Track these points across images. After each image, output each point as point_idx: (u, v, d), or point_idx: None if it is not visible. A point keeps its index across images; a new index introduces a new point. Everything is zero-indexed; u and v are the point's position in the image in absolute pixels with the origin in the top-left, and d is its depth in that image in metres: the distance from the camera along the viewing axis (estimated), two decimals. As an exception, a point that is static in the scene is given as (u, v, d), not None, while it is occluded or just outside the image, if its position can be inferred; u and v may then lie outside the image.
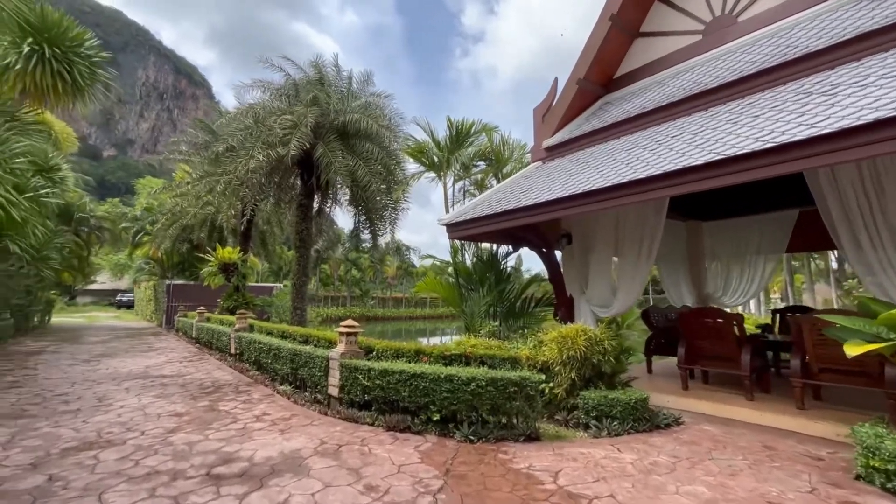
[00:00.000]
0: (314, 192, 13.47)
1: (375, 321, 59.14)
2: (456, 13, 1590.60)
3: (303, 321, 13.36)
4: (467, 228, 8.43)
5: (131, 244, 27.05)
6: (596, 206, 6.22)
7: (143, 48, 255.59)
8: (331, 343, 7.98)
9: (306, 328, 9.33)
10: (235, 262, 18.62)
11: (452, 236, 8.89)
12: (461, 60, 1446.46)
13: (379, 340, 7.25)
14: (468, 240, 9.36)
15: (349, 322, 7.01)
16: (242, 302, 18.06)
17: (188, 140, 19.88)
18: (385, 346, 6.84)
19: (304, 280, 13.37)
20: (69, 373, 9.77)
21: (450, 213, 8.90)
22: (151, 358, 12.23)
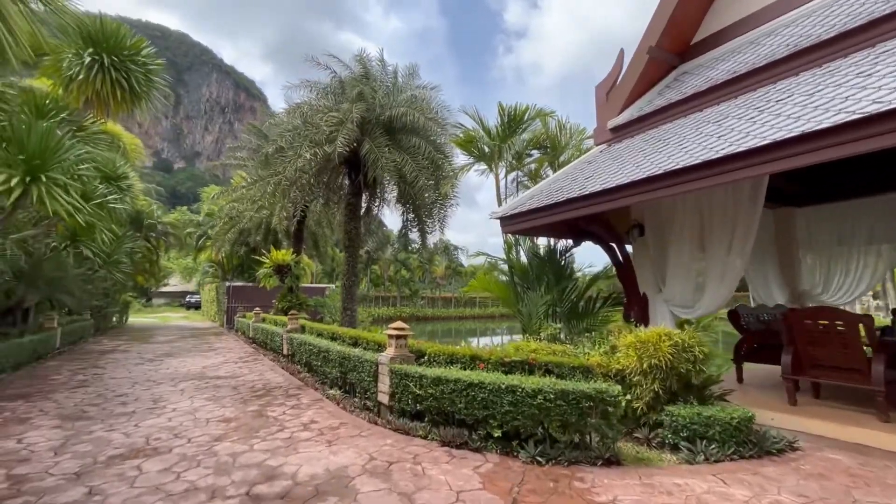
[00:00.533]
0: (361, 190, 13.22)
1: (425, 321, 59.27)
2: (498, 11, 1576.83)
3: (353, 322, 13.16)
4: (524, 221, 7.69)
5: (195, 248, 28.54)
6: (680, 189, 5.28)
7: (207, 66, 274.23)
8: (380, 346, 7.54)
9: (356, 330, 8.99)
10: (288, 263, 18.93)
11: (507, 230, 8.18)
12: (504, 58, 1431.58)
13: (430, 343, 6.69)
14: (524, 234, 8.61)
15: (398, 324, 6.51)
16: (296, 303, 18.30)
17: (243, 146, 20.49)
18: (437, 350, 6.27)
19: (353, 280, 13.18)
20: (133, 372, 10.05)
21: (503, 205, 8.21)
22: (209, 358, 12.47)
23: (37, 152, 7.90)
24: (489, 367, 5.63)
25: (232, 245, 23.85)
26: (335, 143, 10.67)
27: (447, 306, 69.52)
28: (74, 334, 16.03)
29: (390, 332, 6.47)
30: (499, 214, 8.06)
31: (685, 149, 5.48)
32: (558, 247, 9.14)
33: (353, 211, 13.14)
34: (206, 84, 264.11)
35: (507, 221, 8.04)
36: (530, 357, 5.53)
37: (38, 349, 11.94)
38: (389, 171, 11.10)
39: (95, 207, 10.77)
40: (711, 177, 4.96)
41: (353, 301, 13.29)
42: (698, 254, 6.60)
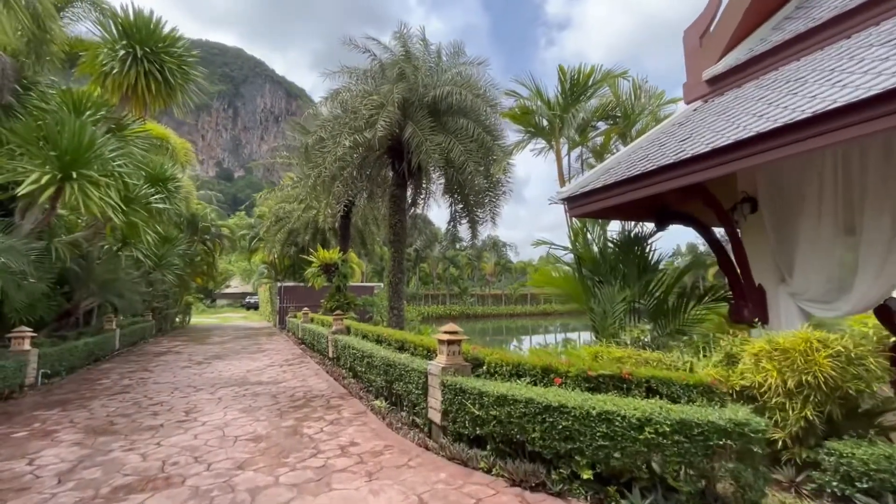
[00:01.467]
0: (406, 180, 12.30)
1: (475, 319, 58.20)
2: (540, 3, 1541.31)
3: (400, 321, 12.29)
4: (597, 200, 6.34)
5: (248, 250, 29.13)
6: (823, 142, 3.78)
7: (260, 78, 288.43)
8: (430, 351, 6.49)
9: (402, 332, 8.05)
10: (335, 262, 18.46)
11: (575, 213, 6.85)
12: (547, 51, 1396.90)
13: (489, 350, 5.55)
14: (595, 216, 7.25)
15: (450, 327, 5.42)
16: (344, 302, 17.79)
17: (287, 144, 20.32)
18: (498, 358, 5.11)
19: (399, 277, 12.31)
20: (178, 376, 9.70)
21: (569, 184, 6.88)
22: (256, 360, 12.05)
23: (69, 149, 7.56)
24: (568, 383, 4.40)
25: (282, 246, 23.92)
26: (375, 127, 9.78)
27: (497, 304, 68.09)
28: (134, 335, 16.39)
29: (441, 336, 5.40)
30: (565, 194, 6.76)
31: (840, 83, 3.95)
32: (636, 232, 7.67)
33: (397, 203, 12.25)
34: (260, 95, 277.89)
35: (575, 202, 6.72)
36: (623, 371, 4.24)
37: (96, 351, 12.04)
38: (435, 156, 10.06)
39: (139, 207, 10.59)
40: (878, 119, 3.44)
41: (401, 299, 12.41)
42: (843, 234, 4.98)
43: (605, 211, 6.80)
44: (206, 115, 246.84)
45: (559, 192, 6.87)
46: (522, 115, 8.14)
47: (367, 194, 14.42)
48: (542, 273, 7.07)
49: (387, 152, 12.31)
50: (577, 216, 6.89)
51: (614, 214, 7.22)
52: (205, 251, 25.91)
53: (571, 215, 6.83)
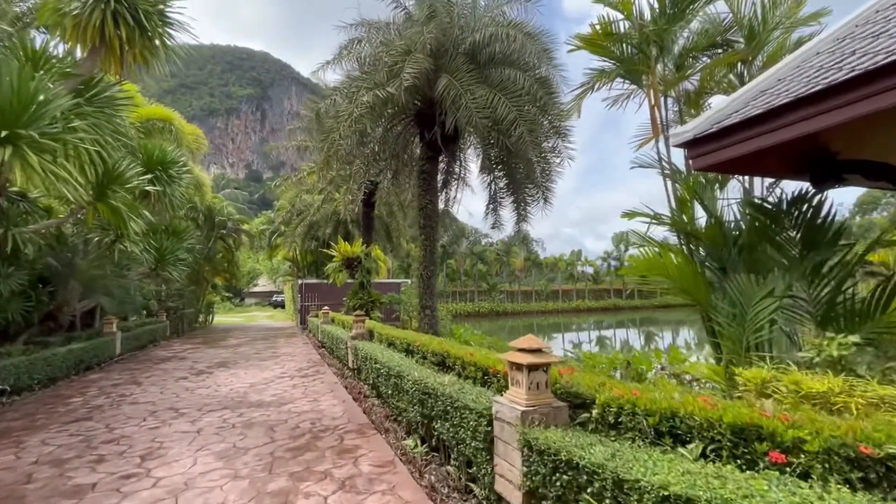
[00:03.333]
0: (438, 152, 10.16)
1: (505, 316, 55.93)
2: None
3: (433, 324, 10.20)
4: (745, 139, 4.05)
5: (268, 246, 27.74)
6: None
7: (287, 80, 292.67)
8: (486, 374, 4.36)
9: (442, 342, 5.96)
10: (358, 256, 16.59)
11: (702, 163, 4.55)
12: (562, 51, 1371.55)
13: (598, 378, 3.37)
14: (727, 169, 4.96)
15: (529, 341, 3.26)
16: (368, 300, 15.89)
17: (303, 126, 18.58)
18: (625, 399, 2.89)
19: (431, 270, 10.22)
20: (165, 393, 7.91)
21: (693, 122, 4.59)
22: (265, 370, 10.21)
23: (6, 105, 5.77)
24: (799, 463, 2.15)
25: (302, 240, 22.29)
26: (400, 77, 7.69)
27: (528, 300, 65.66)
28: (141, 339, 14.94)
29: (515, 357, 3.25)
30: (689, 135, 4.47)
31: None
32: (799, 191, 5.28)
33: (427, 181, 10.15)
34: (286, 97, 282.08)
35: (706, 146, 4.43)
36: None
37: (87, 358, 10.48)
38: (476, 113, 7.85)
39: (121, 189, 8.87)
40: None
41: (433, 296, 10.32)
42: None
43: (748, 160, 4.47)
44: (235, 119, 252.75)
45: (678, 133, 4.58)
46: (603, 39, 5.84)
47: (392, 174, 12.37)
48: (649, 261, 4.79)
49: (413, 119, 10.24)
50: (706, 168, 4.59)
51: (756, 166, 4.88)
52: (224, 248, 24.60)
53: (697, 167, 4.54)
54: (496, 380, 4.15)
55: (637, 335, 38.02)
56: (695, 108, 7.02)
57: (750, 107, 4.10)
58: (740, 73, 6.34)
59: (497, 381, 4.13)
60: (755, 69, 5.90)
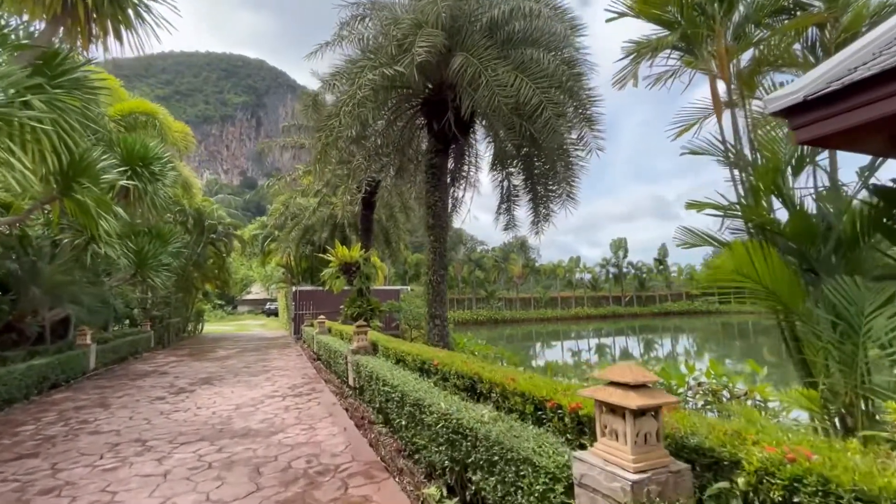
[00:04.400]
0: (448, 143, 9.15)
1: (503, 324, 54.89)
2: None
3: (444, 336, 9.11)
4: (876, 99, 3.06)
5: (261, 251, 26.54)
6: None
7: (282, 88, 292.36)
8: (540, 408, 3.31)
9: (466, 359, 4.92)
10: (356, 261, 15.53)
11: (808, 136, 3.57)
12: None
13: (734, 423, 2.32)
14: (840, 144, 3.95)
15: (629, 371, 2.22)
16: (367, 308, 14.81)
17: (298, 125, 17.57)
18: (805, 468, 1.83)
19: (441, 274, 9.15)
20: (135, 419, 6.77)
21: (790, 87, 3.62)
22: (254, 388, 9.08)
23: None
24: None
25: (296, 245, 21.18)
26: (411, 52, 6.69)
27: (526, 307, 64.82)
28: (120, 351, 13.72)
29: (610, 395, 2.21)
30: (796, 97, 3.49)
31: None
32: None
33: (435, 177, 9.14)
34: (282, 104, 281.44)
35: (816, 111, 3.46)
36: None
37: (52, 375, 9.30)
38: (498, 92, 6.82)
39: (89, 182, 7.79)
40: None
41: (443, 304, 9.24)
42: None
43: (873, 129, 3.49)
44: (229, 126, 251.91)
45: (777, 98, 3.59)
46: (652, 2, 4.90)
47: (395, 170, 11.34)
48: (737, 260, 3.75)
49: (421, 109, 9.24)
50: (815, 140, 3.55)
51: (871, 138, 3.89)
52: (215, 253, 23.40)
53: (803, 140, 3.54)
54: (555, 418, 3.09)
55: (637, 342, 37.19)
56: (748, 88, 6.08)
57: (885, 56, 3.12)
58: (811, 41, 5.43)
59: (557, 419, 3.07)
60: (828, 36, 4.97)
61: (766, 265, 3.87)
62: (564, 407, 3.01)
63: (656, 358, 28.92)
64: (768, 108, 3.83)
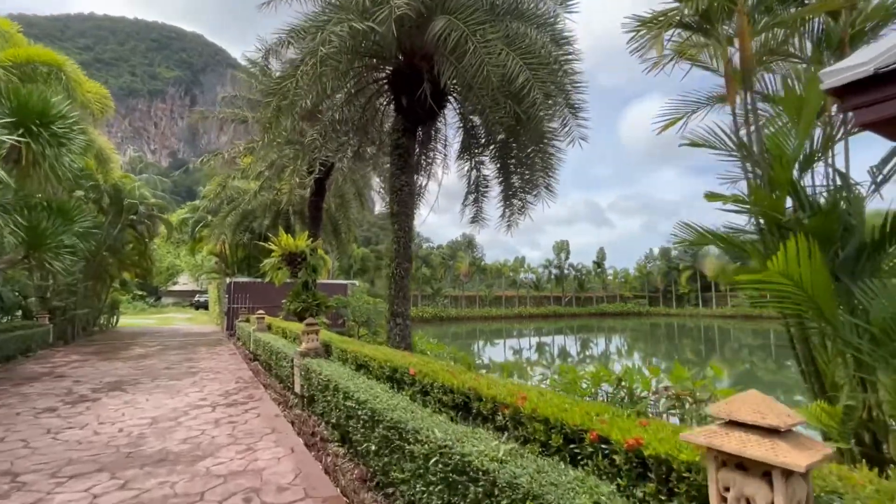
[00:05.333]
0: (417, 123, 8.21)
1: (449, 322, 54.69)
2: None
3: (406, 336, 8.17)
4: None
5: (191, 237, 23.96)
6: None
7: (221, 66, 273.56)
8: (573, 439, 2.54)
9: (457, 370, 4.09)
10: (303, 251, 14.17)
11: (871, 116, 3.06)
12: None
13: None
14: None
15: (765, 408, 1.48)
16: (312, 303, 13.51)
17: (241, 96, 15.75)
18: None
19: (405, 268, 8.19)
20: (7, 440, 5.26)
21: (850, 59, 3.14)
22: (178, 394, 7.65)
23: None
24: None
25: (233, 232, 19.18)
26: (388, 4, 5.68)
27: (472, 305, 65.25)
28: (6, 348, 11.41)
29: (737, 445, 1.45)
30: (863, 71, 2.97)
31: None
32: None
33: (403, 158, 8.16)
34: (220, 84, 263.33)
35: (883, 89, 2.96)
36: None
37: None
38: (488, 61, 5.97)
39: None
40: None
41: (406, 301, 8.29)
42: None
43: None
44: (159, 102, 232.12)
45: (837, 70, 3.07)
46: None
47: (355, 151, 10.20)
48: (782, 262, 3.22)
49: (388, 82, 8.24)
50: (879, 123, 3.16)
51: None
52: (135, 237, 20.68)
53: (865, 121, 3.03)
54: (598, 455, 2.34)
55: (575, 341, 38.39)
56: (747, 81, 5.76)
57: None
58: (817, 33, 5.17)
59: (601, 457, 2.32)
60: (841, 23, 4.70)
61: (811, 268, 3.40)
62: (616, 442, 2.26)
63: (591, 356, 29.78)
64: (825, 84, 3.32)
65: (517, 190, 8.94)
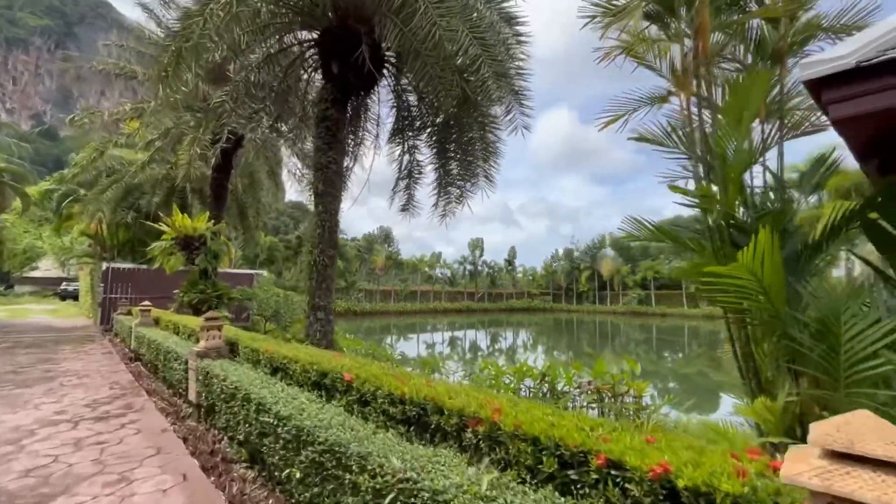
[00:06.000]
0: (349, 93, 7.27)
1: (362, 316, 53.23)
2: None
3: (328, 332, 7.22)
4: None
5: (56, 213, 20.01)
6: None
7: (103, 20, 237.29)
8: (572, 463, 2.05)
9: (388, 371, 3.44)
10: (202, 234, 12.40)
11: (847, 111, 3.07)
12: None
13: None
14: (874, 127, 3.54)
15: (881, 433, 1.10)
16: (213, 294, 11.91)
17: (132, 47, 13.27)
18: None
19: (330, 255, 7.23)
20: None
21: (832, 51, 3.08)
22: (24, 407, 5.98)
23: None
24: None
25: (114, 209, 16.28)
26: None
27: (387, 300, 64.36)
28: None
29: (878, 493, 1.05)
30: (843, 64, 2.92)
31: None
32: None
33: (331, 132, 7.18)
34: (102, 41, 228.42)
35: (864, 83, 2.95)
36: None
37: None
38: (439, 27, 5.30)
39: None
40: None
41: (330, 294, 7.35)
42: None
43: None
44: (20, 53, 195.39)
45: (817, 62, 2.99)
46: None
47: (272, 122, 8.90)
48: (749, 257, 3.07)
49: (318, 44, 7.23)
50: (853, 118, 3.09)
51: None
52: (-26, 210, 16.65)
53: (840, 116, 3.00)
54: (609, 484, 1.89)
55: (485, 335, 39.53)
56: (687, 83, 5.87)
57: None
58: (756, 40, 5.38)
59: (613, 486, 1.87)
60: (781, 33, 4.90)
61: (772, 266, 3.34)
62: (633, 468, 1.81)
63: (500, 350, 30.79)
64: (802, 76, 3.24)
65: (455, 178, 8.47)
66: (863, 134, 3.42)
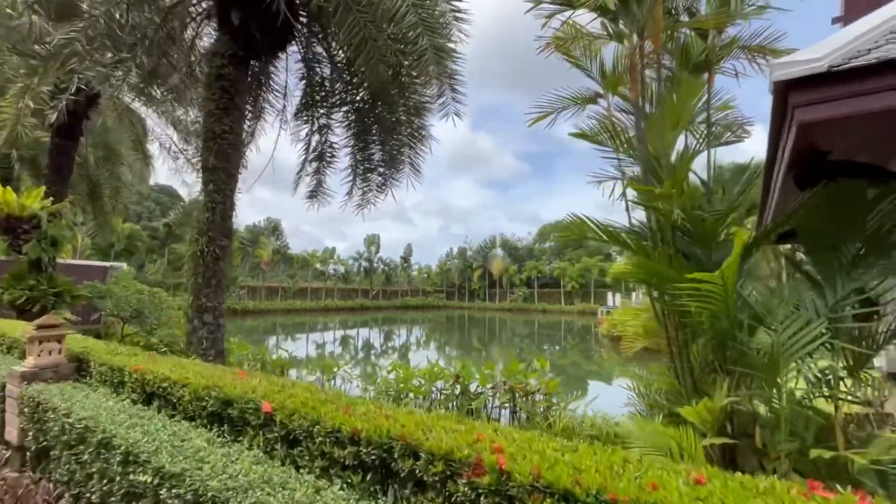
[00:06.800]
0: (252, 52, 5.95)
1: (245, 315, 48.46)
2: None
3: (217, 341, 5.81)
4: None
5: None
6: None
7: None
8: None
9: (351, 404, 2.62)
10: (35, 214, 9.75)
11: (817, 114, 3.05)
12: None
13: None
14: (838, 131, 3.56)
15: None
16: (49, 291, 9.42)
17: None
18: None
19: (223, 245, 5.79)
20: None
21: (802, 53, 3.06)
22: None
23: None
24: None
25: None
26: None
27: (273, 297, 59.72)
28: None
29: None
30: (817, 66, 2.90)
31: None
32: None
33: (228, 94, 5.76)
34: None
35: (835, 87, 2.97)
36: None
37: None
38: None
39: None
40: None
41: (220, 293, 5.92)
42: None
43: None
44: None
45: (791, 63, 2.94)
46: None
47: (144, 76, 7.02)
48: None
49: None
50: (822, 120, 3.07)
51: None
52: None
53: (809, 118, 2.97)
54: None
55: (379, 333, 38.92)
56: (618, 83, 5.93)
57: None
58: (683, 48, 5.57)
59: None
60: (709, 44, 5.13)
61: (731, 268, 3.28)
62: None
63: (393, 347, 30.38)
64: (774, 76, 3.21)
65: (377, 164, 7.58)
66: (820, 140, 3.56)
